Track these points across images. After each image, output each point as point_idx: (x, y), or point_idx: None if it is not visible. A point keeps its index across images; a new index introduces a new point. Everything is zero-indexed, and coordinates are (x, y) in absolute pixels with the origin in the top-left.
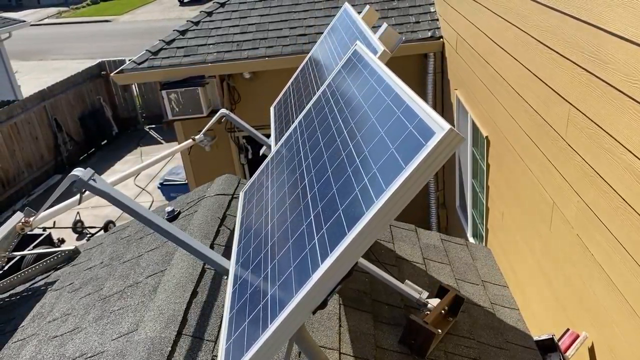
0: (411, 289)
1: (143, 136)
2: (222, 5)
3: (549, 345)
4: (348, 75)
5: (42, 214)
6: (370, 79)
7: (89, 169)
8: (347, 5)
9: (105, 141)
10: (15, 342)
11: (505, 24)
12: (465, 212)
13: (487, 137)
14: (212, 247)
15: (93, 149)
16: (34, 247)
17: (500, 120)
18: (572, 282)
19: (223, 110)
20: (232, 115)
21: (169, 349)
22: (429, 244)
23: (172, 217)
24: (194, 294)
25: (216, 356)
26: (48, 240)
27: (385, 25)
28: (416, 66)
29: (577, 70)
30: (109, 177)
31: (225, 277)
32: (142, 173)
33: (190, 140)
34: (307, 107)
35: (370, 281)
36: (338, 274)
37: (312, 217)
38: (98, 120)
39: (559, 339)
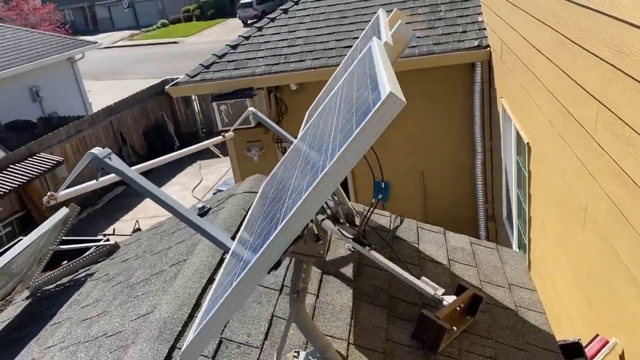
0: (426, 285)
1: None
2: (272, 20)
3: (574, 350)
4: (357, 68)
5: (66, 191)
6: (366, 65)
7: (106, 148)
8: (380, 11)
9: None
10: (52, 324)
11: (542, 25)
12: (511, 223)
13: (528, 143)
14: (233, 238)
15: None
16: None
17: (539, 125)
18: (602, 286)
19: (251, 109)
20: (259, 113)
21: (179, 328)
22: (456, 246)
23: (202, 213)
24: (211, 280)
25: (225, 338)
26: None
27: (399, 22)
28: (464, 75)
29: (604, 66)
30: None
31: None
32: (200, 185)
33: (220, 137)
34: (324, 102)
35: (389, 278)
36: (290, 234)
37: (289, 192)
38: (161, 135)
39: (587, 345)
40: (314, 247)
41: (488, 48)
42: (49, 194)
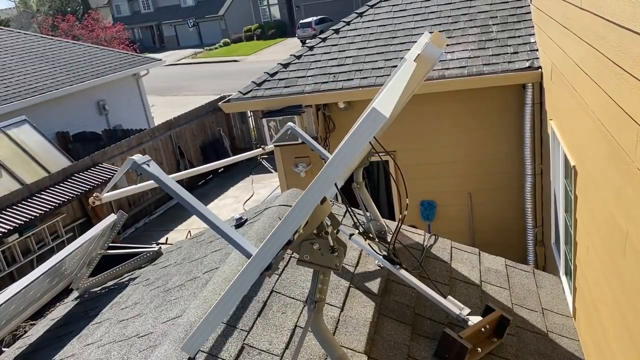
0: (452, 305)
1: (256, 165)
2: (324, 40)
3: None
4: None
5: (110, 194)
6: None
7: (146, 155)
8: (425, 33)
9: (222, 169)
10: (93, 324)
11: (586, 45)
12: (559, 248)
13: (574, 166)
14: None
15: (211, 176)
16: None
17: (584, 148)
18: None
19: (289, 124)
20: (296, 128)
21: None
22: (490, 267)
23: (239, 224)
24: None
25: (247, 344)
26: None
27: (427, 42)
28: (515, 96)
29: None
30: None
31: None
32: (251, 199)
33: (260, 149)
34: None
35: (416, 296)
36: (279, 242)
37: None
38: (217, 149)
39: None
40: (330, 259)
41: (539, 69)
42: (94, 195)
